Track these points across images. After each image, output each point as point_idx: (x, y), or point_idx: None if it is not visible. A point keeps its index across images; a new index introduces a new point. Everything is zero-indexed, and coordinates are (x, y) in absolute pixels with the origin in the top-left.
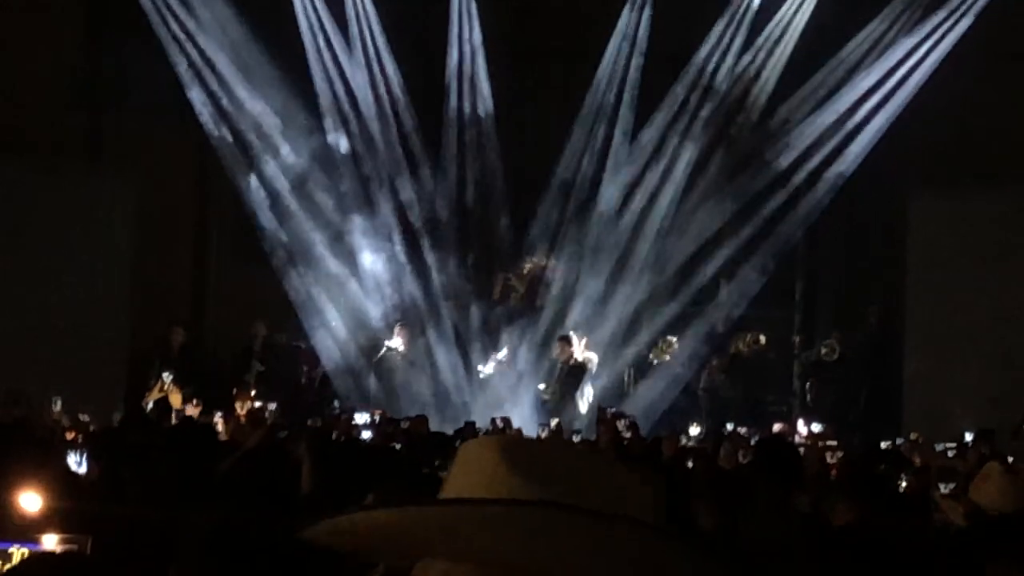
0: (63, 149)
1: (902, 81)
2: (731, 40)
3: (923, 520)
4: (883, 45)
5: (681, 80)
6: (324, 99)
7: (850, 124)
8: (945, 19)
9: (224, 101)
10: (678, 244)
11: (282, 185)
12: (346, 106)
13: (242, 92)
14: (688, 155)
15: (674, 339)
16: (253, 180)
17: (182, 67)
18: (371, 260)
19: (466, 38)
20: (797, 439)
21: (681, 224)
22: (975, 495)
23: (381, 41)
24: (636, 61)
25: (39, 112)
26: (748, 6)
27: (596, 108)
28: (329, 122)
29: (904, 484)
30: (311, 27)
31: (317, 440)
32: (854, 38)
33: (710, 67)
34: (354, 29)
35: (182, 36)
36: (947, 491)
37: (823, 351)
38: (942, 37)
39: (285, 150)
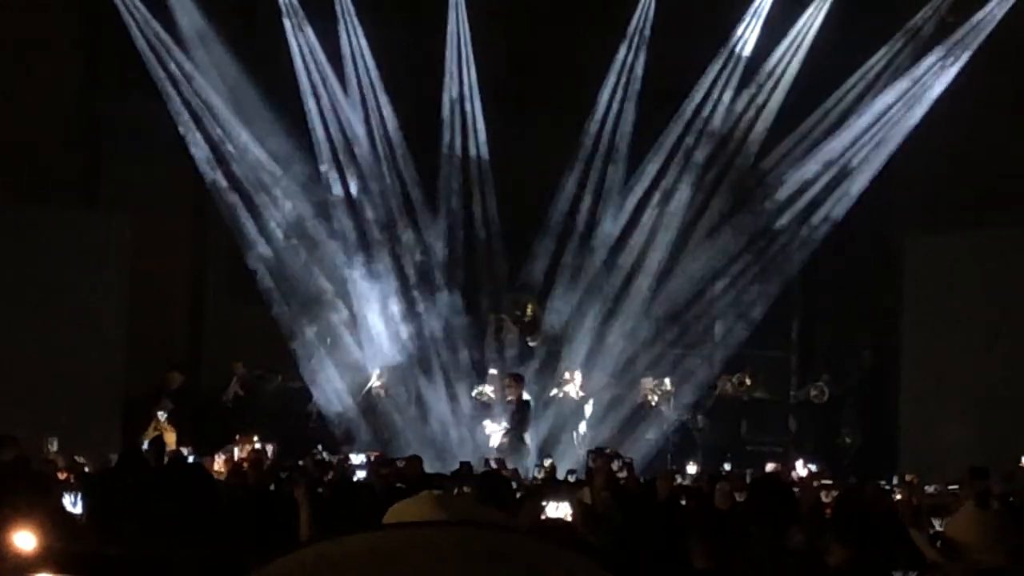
0: (60, 191)
1: (894, 123)
2: (726, 82)
3: (915, 560)
4: (876, 88)
5: (675, 122)
6: (319, 140)
7: (844, 165)
8: (936, 63)
9: (221, 143)
10: (673, 285)
11: (278, 226)
12: (341, 147)
13: (239, 134)
14: (683, 196)
15: (668, 380)
16: (249, 222)
17: (178, 109)
18: (367, 301)
19: (463, 79)
20: (795, 477)
21: (676, 265)
22: (948, 529)
23: (377, 81)
24: (631, 102)
25: (37, 154)
26: (742, 48)
27: (592, 149)
28: (324, 162)
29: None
30: (307, 69)
31: (314, 486)
32: (847, 81)
33: (704, 110)
34: (349, 69)
35: (179, 77)
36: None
37: (812, 393)
38: (934, 80)
39: (280, 190)
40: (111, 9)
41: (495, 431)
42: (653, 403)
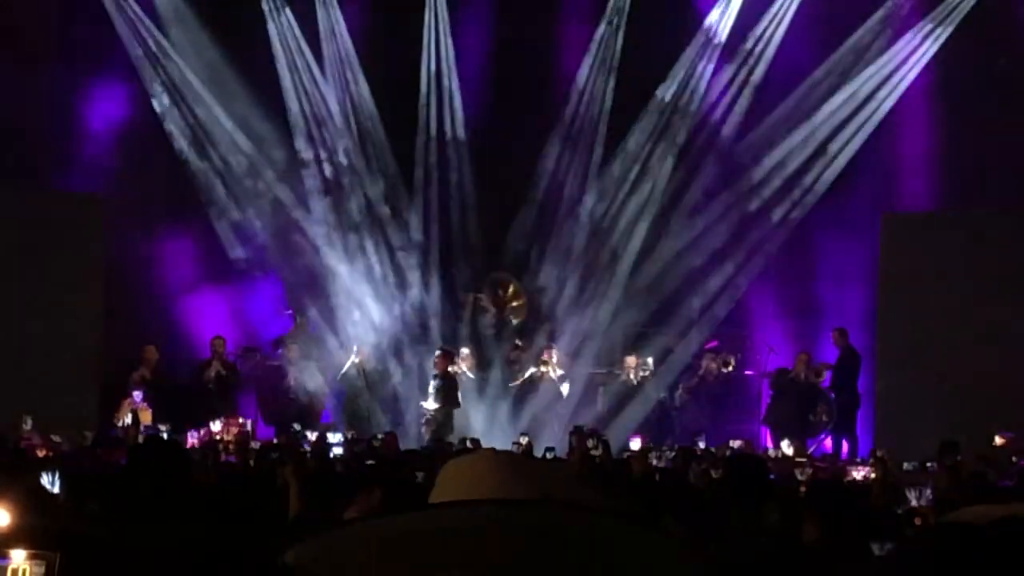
0: (36, 170)
1: (871, 105)
2: (705, 63)
3: (891, 536)
4: (858, 66)
5: (654, 101)
6: (296, 120)
7: (819, 145)
8: (917, 41)
9: (197, 125)
10: (653, 264)
11: (255, 200)
12: (316, 127)
13: (217, 114)
14: (663, 175)
15: (650, 359)
16: (224, 195)
17: (157, 88)
18: (347, 282)
19: (441, 55)
20: (772, 455)
21: (657, 244)
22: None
23: (353, 59)
24: (611, 82)
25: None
26: (719, 29)
27: (571, 128)
28: (301, 141)
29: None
30: (284, 48)
31: (303, 463)
32: (825, 61)
33: (684, 90)
34: (327, 49)
35: (157, 55)
36: (920, 502)
37: (790, 373)
38: (914, 59)
39: (256, 165)
40: None
41: (427, 407)
42: (635, 382)
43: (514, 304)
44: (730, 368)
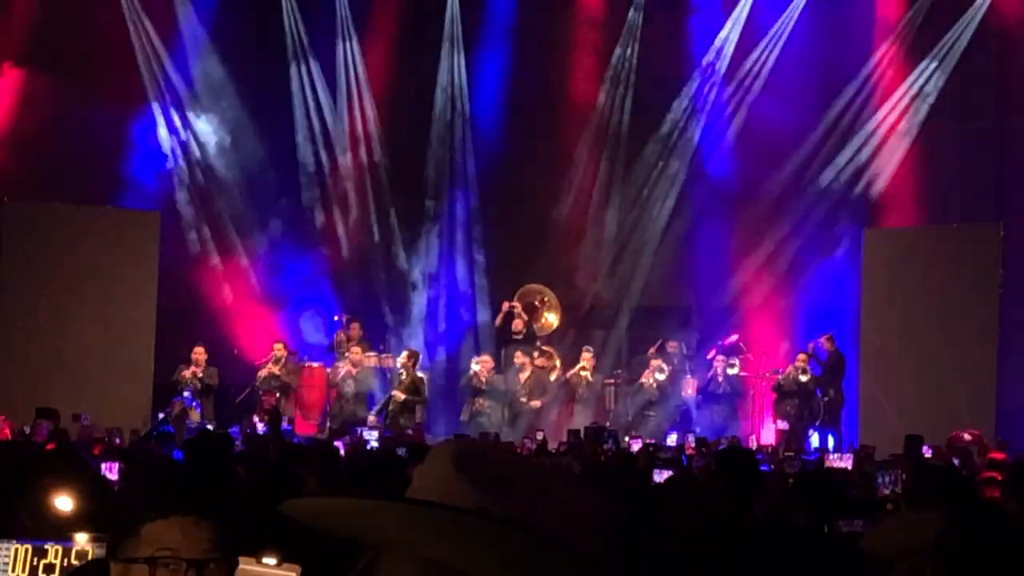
0: (95, 194)
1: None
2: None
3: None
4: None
5: (665, 122)
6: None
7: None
8: (926, 75)
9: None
10: (672, 269)
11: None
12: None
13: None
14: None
15: (664, 364)
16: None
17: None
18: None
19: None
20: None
21: (674, 255)
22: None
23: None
24: (628, 101)
25: (73, 165)
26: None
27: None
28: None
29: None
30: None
31: (323, 456)
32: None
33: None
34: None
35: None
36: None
37: (798, 375)
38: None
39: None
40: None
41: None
42: (654, 384)
43: (546, 313)
44: (736, 370)
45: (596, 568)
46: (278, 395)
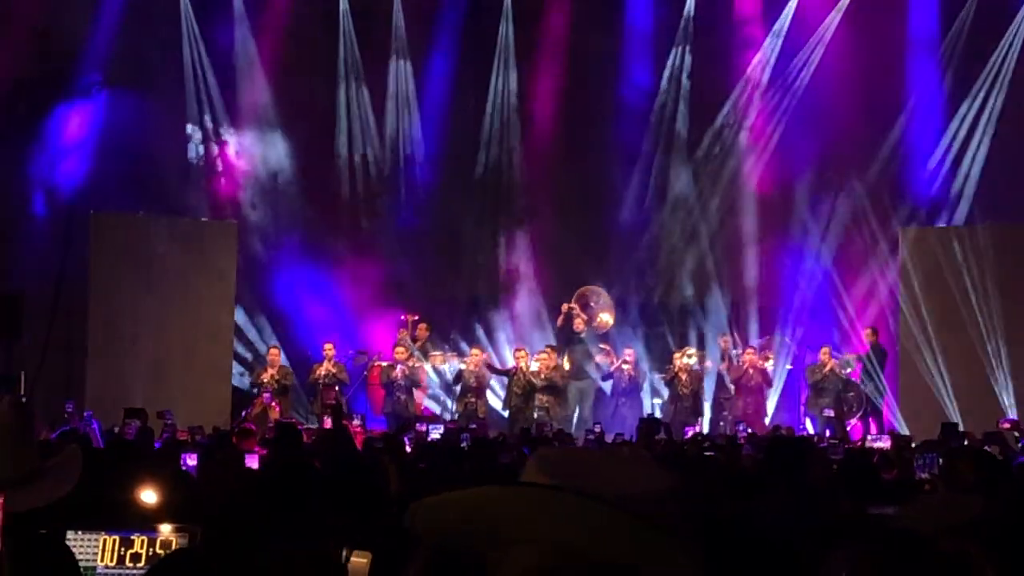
0: (183, 211)
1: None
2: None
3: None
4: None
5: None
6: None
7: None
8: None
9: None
10: (714, 266)
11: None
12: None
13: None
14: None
15: (695, 359)
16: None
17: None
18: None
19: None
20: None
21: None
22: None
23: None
24: (681, 107)
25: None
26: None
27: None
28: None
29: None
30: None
31: (401, 449)
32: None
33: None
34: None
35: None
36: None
37: (843, 369)
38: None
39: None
40: None
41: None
42: (685, 378)
43: (603, 313)
44: (769, 363)
45: (660, 531)
46: (337, 388)
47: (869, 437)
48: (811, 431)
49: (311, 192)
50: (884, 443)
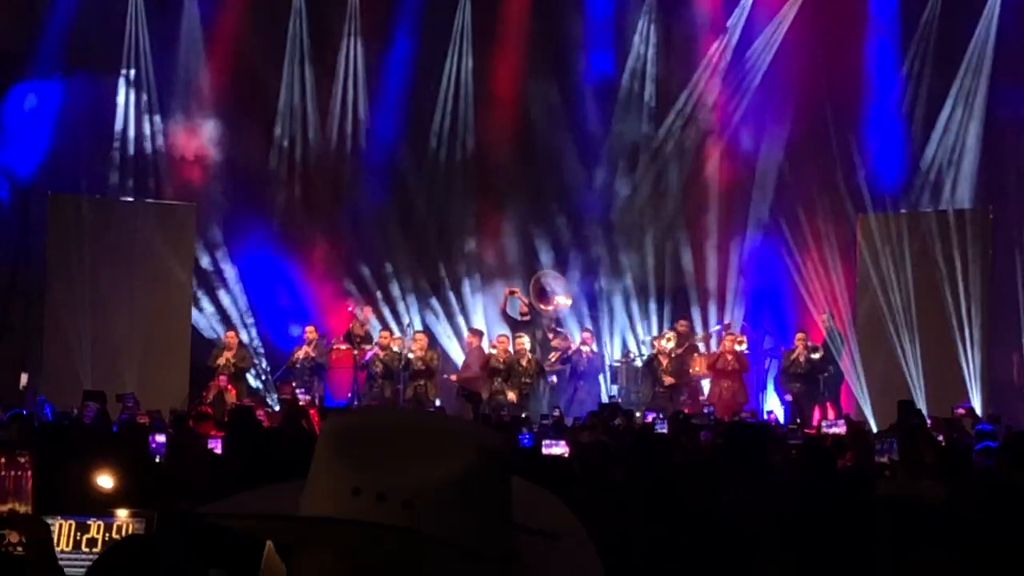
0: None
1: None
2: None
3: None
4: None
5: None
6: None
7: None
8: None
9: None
10: (672, 247)
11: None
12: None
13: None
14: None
15: (670, 333)
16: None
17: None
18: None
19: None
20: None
21: (672, 234)
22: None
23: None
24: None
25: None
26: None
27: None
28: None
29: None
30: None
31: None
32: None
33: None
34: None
35: None
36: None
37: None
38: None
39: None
40: None
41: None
42: (663, 362)
43: (559, 297)
44: (743, 347)
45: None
46: (293, 384)
47: (825, 423)
48: (781, 418)
49: (265, 174)
50: (839, 428)
